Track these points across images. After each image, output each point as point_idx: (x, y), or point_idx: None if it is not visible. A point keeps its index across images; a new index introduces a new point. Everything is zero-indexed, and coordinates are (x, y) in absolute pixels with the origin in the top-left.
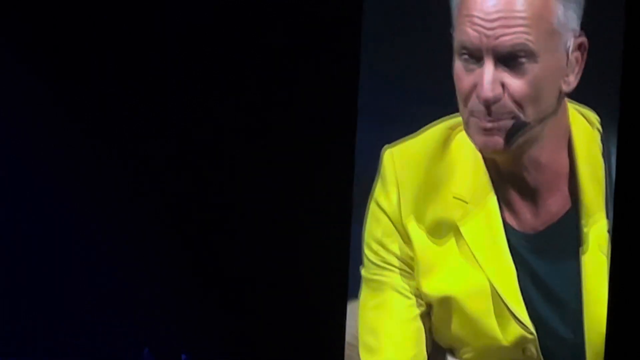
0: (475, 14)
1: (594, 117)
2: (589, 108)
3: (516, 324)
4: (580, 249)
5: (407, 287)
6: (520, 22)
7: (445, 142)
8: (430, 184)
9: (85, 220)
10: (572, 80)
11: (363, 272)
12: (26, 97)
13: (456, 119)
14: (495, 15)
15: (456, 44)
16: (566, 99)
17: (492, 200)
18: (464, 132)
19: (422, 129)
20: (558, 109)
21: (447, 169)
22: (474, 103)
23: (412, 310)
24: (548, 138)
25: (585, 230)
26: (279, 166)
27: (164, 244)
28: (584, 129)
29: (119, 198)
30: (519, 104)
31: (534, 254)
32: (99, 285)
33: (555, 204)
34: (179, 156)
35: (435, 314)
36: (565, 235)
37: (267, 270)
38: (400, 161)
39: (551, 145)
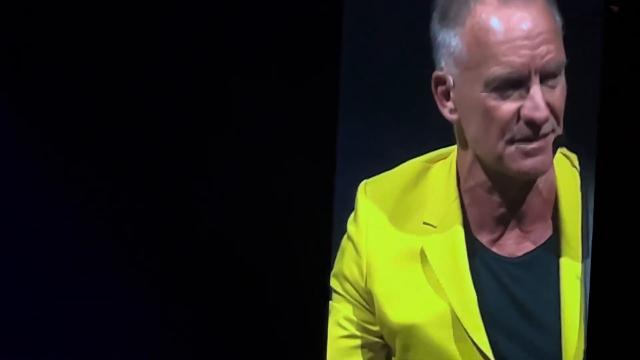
0: (516, 38)
1: (569, 153)
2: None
3: (477, 352)
4: (560, 277)
5: (353, 318)
6: (554, 37)
7: (421, 173)
8: (401, 214)
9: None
10: None
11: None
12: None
13: (435, 153)
14: (536, 34)
15: (486, 79)
16: None
17: (459, 223)
18: (441, 163)
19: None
20: None
21: (419, 198)
22: (516, 130)
23: (345, 342)
24: None
25: (564, 259)
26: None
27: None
28: (563, 162)
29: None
30: (557, 117)
31: (514, 279)
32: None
33: (538, 230)
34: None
35: (398, 343)
36: (546, 263)
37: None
38: (373, 193)
39: None
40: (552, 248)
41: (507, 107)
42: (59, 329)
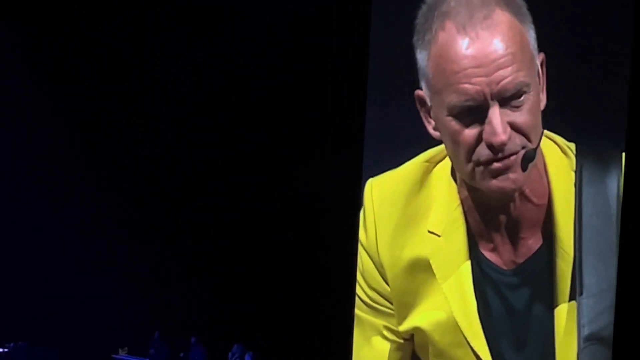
0: (468, 67)
1: (564, 142)
2: (557, 134)
3: (476, 358)
4: (555, 283)
5: (388, 326)
6: (512, 59)
7: (423, 176)
8: (408, 219)
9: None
10: (543, 97)
11: (356, 310)
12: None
13: (432, 151)
14: (489, 61)
15: (447, 105)
16: None
17: (462, 233)
18: (441, 165)
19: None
20: None
21: (424, 204)
22: (480, 152)
23: (389, 349)
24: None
25: (560, 264)
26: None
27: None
28: (557, 155)
29: (125, 196)
30: (525, 134)
31: (511, 288)
32: (108, 275)
33: (532, 236)
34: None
35: (415, 343)
36: (541, 268)
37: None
38: (379, 195)
39: (532, 174)
40: (546, 254)
41: (470, 131)
42: (59, 327)
